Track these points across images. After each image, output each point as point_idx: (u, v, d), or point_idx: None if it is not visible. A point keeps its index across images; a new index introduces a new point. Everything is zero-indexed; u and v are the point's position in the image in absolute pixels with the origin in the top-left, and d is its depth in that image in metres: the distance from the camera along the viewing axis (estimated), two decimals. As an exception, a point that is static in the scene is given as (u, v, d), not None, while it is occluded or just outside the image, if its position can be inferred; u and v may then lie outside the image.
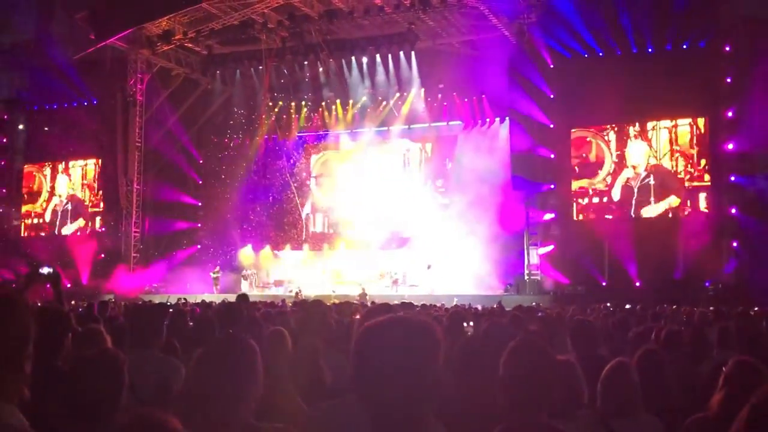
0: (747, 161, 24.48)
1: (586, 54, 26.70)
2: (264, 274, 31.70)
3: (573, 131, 27.86)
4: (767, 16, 23.64)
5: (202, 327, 5.79)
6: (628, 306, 16.79)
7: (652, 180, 26.69)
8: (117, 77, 31.40)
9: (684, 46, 25.79)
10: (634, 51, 26.29)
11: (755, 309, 14.19)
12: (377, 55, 29.74)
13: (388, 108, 31.69)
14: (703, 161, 26.22)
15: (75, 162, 35.00)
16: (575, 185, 27.91)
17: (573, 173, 27.91)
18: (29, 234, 35.29)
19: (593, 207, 27.78)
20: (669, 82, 25.24)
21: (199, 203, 34.15)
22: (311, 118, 33.33)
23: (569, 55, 26.82)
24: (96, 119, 33.10)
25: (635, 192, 26.90)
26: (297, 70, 31.38)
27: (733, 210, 24.76)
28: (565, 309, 14.69)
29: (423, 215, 29.87)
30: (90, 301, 15.33)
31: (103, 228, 33.76)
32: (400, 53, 29.33)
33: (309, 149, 34.15)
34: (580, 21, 25.93)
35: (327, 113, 32.97)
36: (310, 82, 31.99)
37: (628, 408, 3.99)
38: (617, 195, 27.27)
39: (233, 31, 29.25)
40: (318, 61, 30.41)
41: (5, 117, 35.40)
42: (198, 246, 33.03)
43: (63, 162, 35.15)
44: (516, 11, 26.42)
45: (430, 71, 29.29)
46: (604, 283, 25.33)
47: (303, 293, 25.16)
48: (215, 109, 33.87)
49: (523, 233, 27.09)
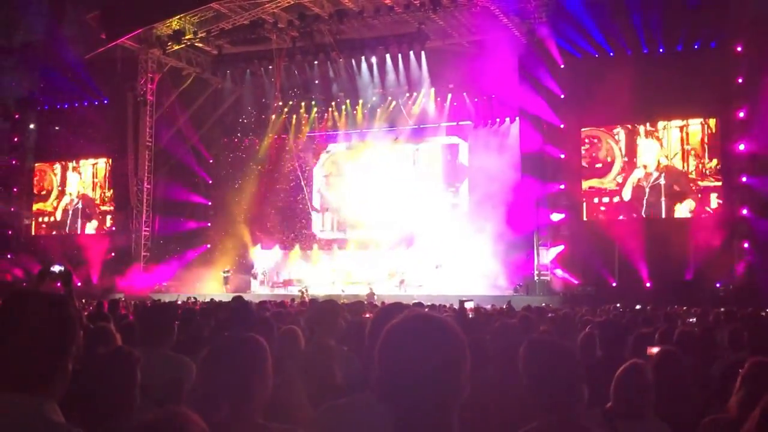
0: (758, 162, 24.31)
1: (596, 54, 26.60)
2: (273, 273, 31.74)
3: (583, 131, 27.77)
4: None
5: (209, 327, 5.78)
6: (638, 307, 16.74)
7: (663, 180, 26.58)
8: (128, 77, 31.52)
9: (695, 46, 25.67)
10: (644, 51, 26.19)
11: (767, 310, 14.12)
12: (387, 55, 29.74)
13: (397, 108, 31.69)
14: (714, 161, 26.11)
15: (86, 161, 35.12)
16: (585, 185, 27.81)
17: (583, 173, 27.81)
18: (40, 232, 35.43)
19: (604, 207, 27.65)
20: (680, 82, 25.13)
21: (209, 203, 34.22)
22: (321, 117, 33.37)
23: (579, 55, 26.73)
24: (107, 119, 33.21)
25: (646, 192, 26.80)
26: (307, 69, 31.40)
27: (745, 211, 24.63)
28: (576, 310, 14.65)
29: (432, 215, 29.85)
30: (100, 300, 15.36)
31: (114, 227, 33.85)
32: (410, 53, 29.32)
33: (319, 149, 34.17)
34: (590, 21, 25.85)
35: (337, 113, 33.00)
36: (320, 81, 32.01)
37: (637, 410, 3.96)
38: (628, 195, 27.17)
39: (243, 31, 29.30)
40: (328, 61, 30.45)
41: (17, 116, 35.56)
42: (208, 245, 33.07)
43: (74, 161, 35.27)
44: (526, 11, 26.38)
45: (439, 71, 29.28)
46: (614, 284, 25.23)
47: (309, 293, 25.13)
48: (225, 109, 33.97)
49: (533, 233, 27.03)
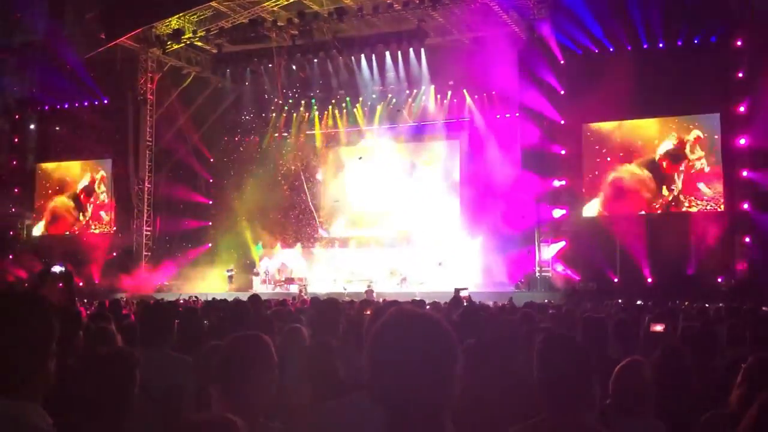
0: (759, 156, 24.28)
1: (596, 49, 26.57)
2: (275, 272, 31.76)
3: (584, 126, 27.74)
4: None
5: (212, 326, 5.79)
6: (639, 302, 16.75)
7: (664, 174, 26.55)
8: (127, 76, 31.55)
9: (695, 41, 25.62)
10: (644, 46, 26.16)
11: (768, 305, 14.10)
12: (387, 53, 29.73)
13: (398, 105, 31.70)
14: (715, 156, 26.06)
15: (86, 161, 35.09)
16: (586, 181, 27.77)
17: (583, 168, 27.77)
18: (42, 232, 35.42)
19: (605, 202, 27.57)
20: (680, 77, 25.09)
21: (210, 202, 34.23)
22: (321, 116, 33.36)
23: (579, 51, 26.70)
24: (107, 119, 33.22)
25: (648, 187, 26.77)
26: (307, 68, 31.40)
27: (746, 205, 24.61)
28: (579, 306, 14.65)
29: (433, 212, 29.85)
30: (102, 300, 15.38)
31: (115, 227, 33.87)
32: (409, 50, 29.32)
33: (319, 147, 34.14)
34: (590, 16, 25.80)
35: (337, 111, 33.00)
36: (320, 79, 31.98)
37: (636, 407, 3.96)
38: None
39: (243, 30, 29.29)
40: (328, 59, 30.44)
41: (17, 117, 35.56)
42: (209, 244, 33.09)
43: (74, 161, 35.24)
44: (525, 7, 26.39)
45: (439, 68, 29.24)
46: (615, 280, 25.24)
47: (307, 293, 25.11)
48: (226, 108, 33.95)
49: (534, 230, 27.05)
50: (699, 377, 5.23)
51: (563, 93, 26.43)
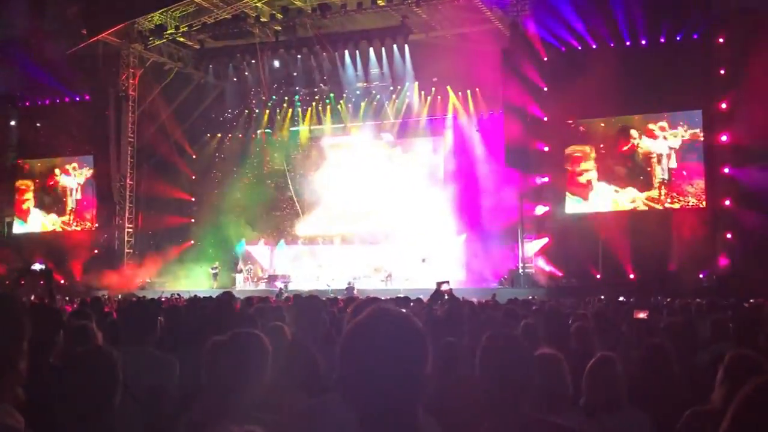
0: (741, 153, 24.44)
1: (579, 46, 26.67)
2: (258, 269, 31.69)
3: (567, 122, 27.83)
4: (760, 6, 23.60)
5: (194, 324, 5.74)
6: (622, 298, 16.82)
7: (646, 170, 26.70)
8: (109, 72, 31.32)
9: (678, 37, 25.75)
10: (627, 43, 26.26)
11: (750, 300, 14.21)
12: (371, 49, 29.71)
13: (381, 101, 31.68)
14: (697, 153, 26.22)
15: (68, 157, 34.81)
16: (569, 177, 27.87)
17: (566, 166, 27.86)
18: (22, 230, 35.10)
19: (589, 199, 27.68)
20: (663, 74, 25.22)
21: (193, 198, 34.06)
22: (305, 111, 33.28)
23: (563, 48, 26.78)
24: (88, 115, 32.89)
25: (631, 182, 26.93)
26: (290, 64, 31.31)
27: (727, 202, 24.77)
28: (561, 302, 14.72)
29: (417, 209, 29.84)
30: (83, 297, 15.26)
31: (97, 224, 33.62)
32: (393, 46, 29.31)
33: (303, 143, 34.05)
34: (573, 13, 25.88)
35: (321, 107, 32.94)
36: (303, 75, 31.91)
37: (613, 401, 3.97)
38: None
39: (226, 25, 29.17)
40: (311, 55, 30.38)
41: (-3, 113, 35.23)
42: (192, 241, 32.95)
43: (56, 157, 34.96)
44: (509, 3, 26.40)
45: (423, 64, 29.21)
46: (598, 276, 25.34)
47: (288, 291, 25.02)
48: (208, 104, 33.80)
49: (518, 226, 27.13)
50: (682, 372, 5.25)
51: (546, 90, 26.51)
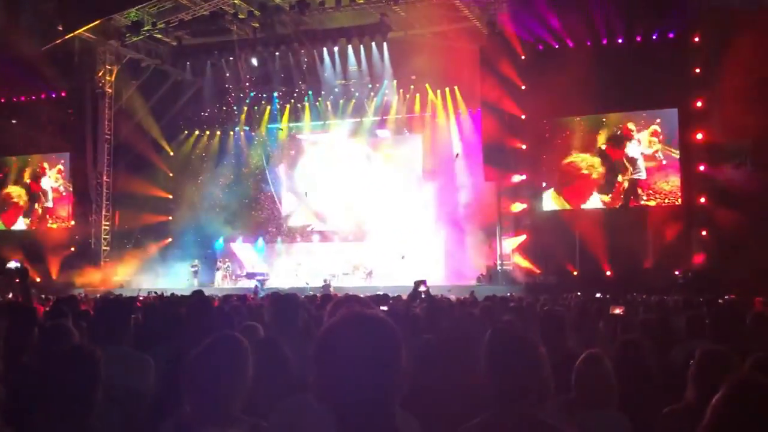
0: (716, 151, 24.67)
1: (556, 45, 26.77)
2: (236, 266, 31.59)
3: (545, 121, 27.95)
4: (735, 6, 23.79)
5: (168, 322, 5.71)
6: (598, 295, 16.96)
7: (622, 169, 26.89)
8: (86, 69, 31.06)
9: (654, 36, 25.93)
10: (604, 42, 26.41)
11: (724, 297, 14.37)
12: (349, 47, 29.68)
13: (360, 99, 31.66)
14: (673, 151, 26.44)
15: (44, 154, 34.47)
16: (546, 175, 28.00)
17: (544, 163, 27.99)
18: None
19: (566, 197, 27.82)
20: (639, 72, 25.33)
21: (171, 196, 33.85)
22: (283, 109, 33.18)
23: (540, 46, 26.88)
24: (65, 111, 32.57)
25: (607, 182, 27.11)
26: (269, 61, 31.20)
27: (703, 199, 24.99)
28: (537, 299, 14.80)
29: (396, 206, 29.88)
30: (58, 296, 15.13)
31: (73, 221, 33.33)
32: (372, 44, 29.29)
33: (281, 141, 33.95)
34: (551, 12, 25.96)
35: (299, 105, 32.85)
36: (282, 73, 31.79)
37: (600, 401, 3.99)
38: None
39: (203, 22, 29.00)
40: (290, 53, 30.29)
41: (-29, 110, 34.79)
42: (170, 239, 32.78)
43: (31, 154, 34.62)
44: (487, 2, 26.46)
45: (402, 62, 29.21)
46: (575, 273, 25.50)
47: (264, 289, 24.98)
48: (186, 101, 33.59)
49: (496, 223, 27.27)
50: (658, 369, 5.30)
51: (524, 88, 26.61)
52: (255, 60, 31.32)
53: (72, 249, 31.47)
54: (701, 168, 25.16)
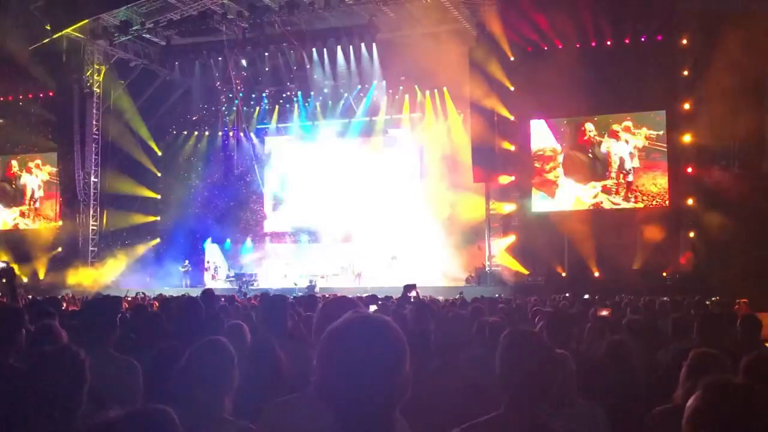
0: (704, 153, 24.78)
1: (545, 47, 26.82)
2: (225, 267, 31.52)
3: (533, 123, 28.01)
4: (722, 9, 23.90)
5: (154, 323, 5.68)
6: (586, 296, 17.00)
7: (611, 169, 26.98)
8: (74, 68, 30.89)
9: (642, 39, 26.03)
10: (593, 44, 26.49)
11: (712, 299, 14.44)
12: (338, 47, 29.66)
13: (349, 100, 31.63)
14: (661, 153, 26.54)
15: (31, 154, 34.31)
16: (536, 177, 28.06)
17: (534, 165, 28.05)
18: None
19: (554, 198, 27.88)
20: (627, 74, 25.52)
21: (159, 196, 33.75)
22: (272, 110, 33.13)
23: (529, 48, 26.92)
24: (53, 111, 32.46)
25: (594, 182, 27.19)
26: (258, 61, 31.15)
27: (690, 201, 25.09)
28: (526, 300, 14.82)
29: (386, 207, 29.87)
30: (45, 296, 15.06)
31: (61, 221, 33.17)
32: (361, 45, 29.27)
33: (270, 142, 33.89)
34: (540, 13, 26.00)
35: (288, 105, 32.80)
36: (271, 73, 31.74)
37: (566, 398, 4.00)
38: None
39: (192, 22, 28.89)
40: (279, 53, 30.25)
41: (-41, 109, 34.57)
42: (158, 239, 32.68)
43: (19, 153, 34.45)
44: (476, 4, 26.48)
45: (391, 63, 29.19)
46: (564, 274, 25.56)
47: (251, 291, 24.94)
48: (174, 101, 33.49)
49: (485, 225, 27.32)
50: (645, 369, 5.32)
51: (513, 89, 26.65)
52: (244, 60, 31.26)
53: (59, 249, 31.32)
54: (689, 170, 25.26)
